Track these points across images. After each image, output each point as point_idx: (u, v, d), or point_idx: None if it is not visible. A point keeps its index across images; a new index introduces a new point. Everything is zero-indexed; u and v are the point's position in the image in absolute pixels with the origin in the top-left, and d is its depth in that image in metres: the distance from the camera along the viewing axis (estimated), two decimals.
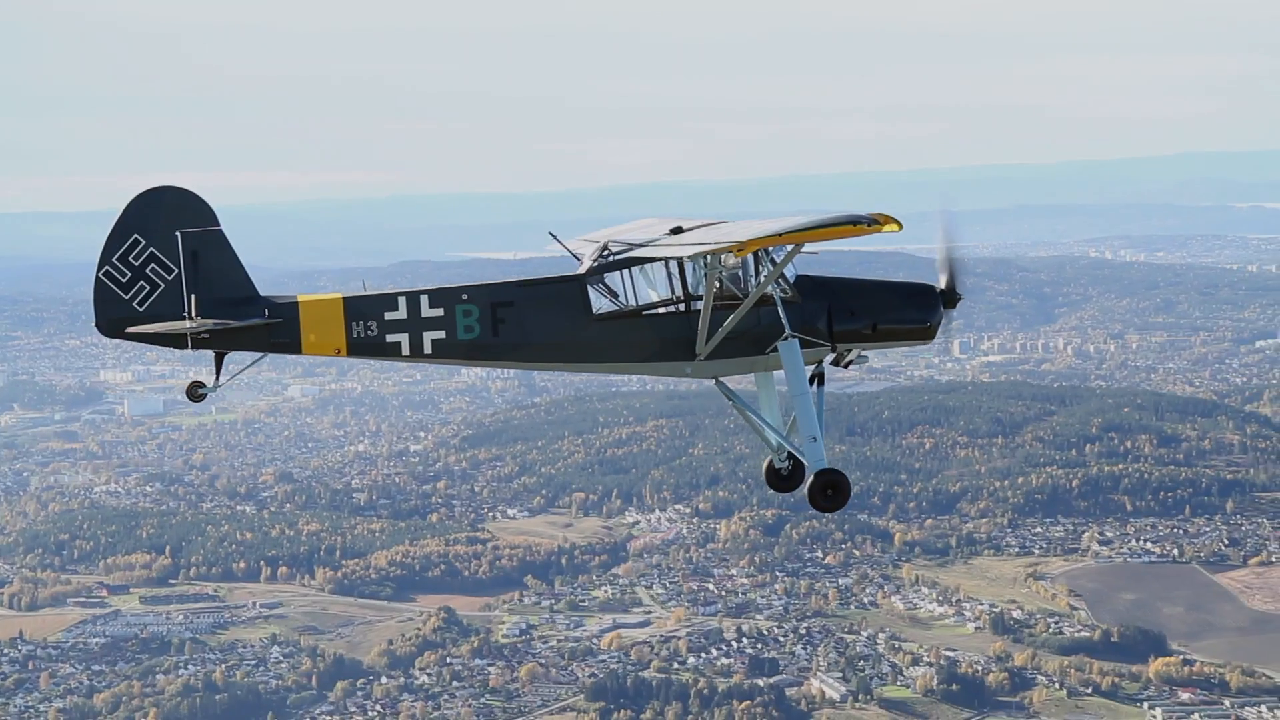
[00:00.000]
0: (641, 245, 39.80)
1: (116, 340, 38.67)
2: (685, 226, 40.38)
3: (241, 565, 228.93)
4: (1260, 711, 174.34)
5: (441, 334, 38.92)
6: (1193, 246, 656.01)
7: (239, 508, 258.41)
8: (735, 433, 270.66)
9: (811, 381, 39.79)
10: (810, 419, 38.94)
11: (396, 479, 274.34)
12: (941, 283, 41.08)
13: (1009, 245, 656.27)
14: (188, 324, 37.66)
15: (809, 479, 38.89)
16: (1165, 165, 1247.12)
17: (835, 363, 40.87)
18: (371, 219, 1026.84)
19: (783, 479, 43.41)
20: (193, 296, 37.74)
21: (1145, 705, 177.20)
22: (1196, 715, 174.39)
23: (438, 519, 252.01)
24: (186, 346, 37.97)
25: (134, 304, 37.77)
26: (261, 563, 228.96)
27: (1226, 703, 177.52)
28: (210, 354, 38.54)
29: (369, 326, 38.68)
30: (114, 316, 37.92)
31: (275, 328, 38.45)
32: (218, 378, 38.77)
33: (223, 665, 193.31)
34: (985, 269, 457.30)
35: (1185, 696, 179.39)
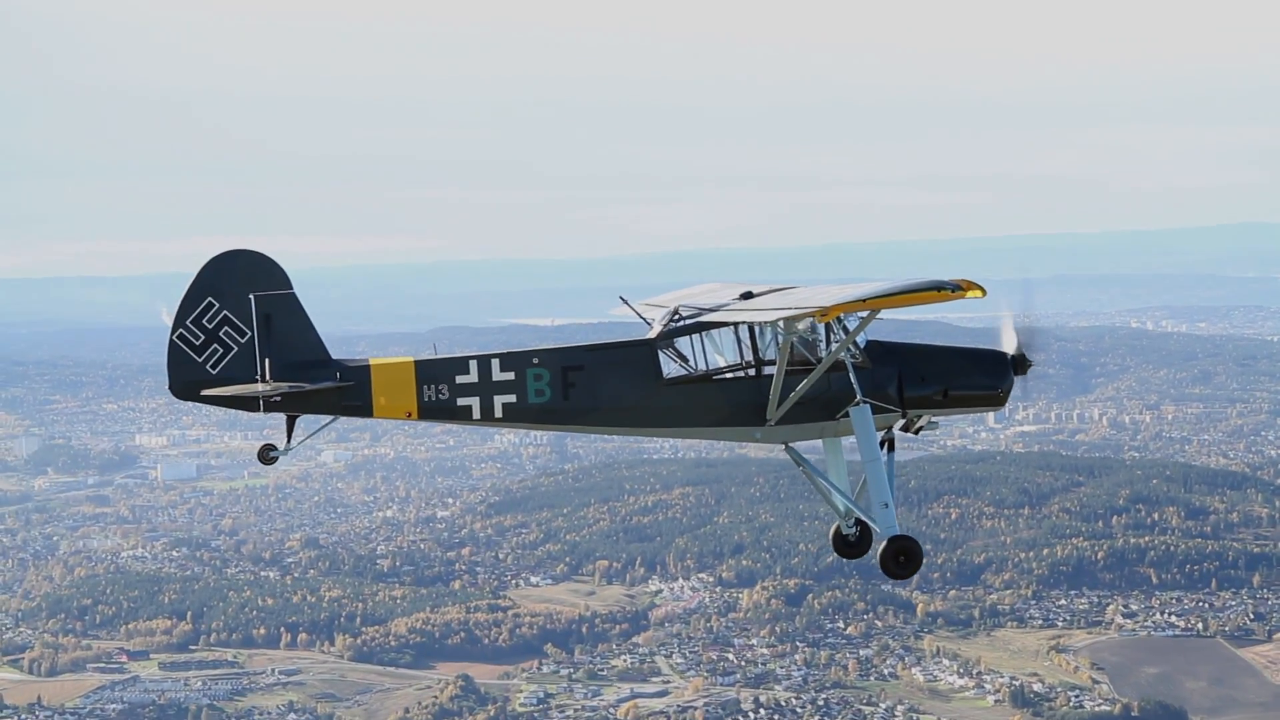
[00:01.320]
0: (714, 309, 39.66)
1: (185, 401, 38.56)
2: (755, 291, 40.40)
3: (262, 631, 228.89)
4: None
5: (512, 398, 38.75)
6: (1235, 317, 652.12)
7: (263, 573, 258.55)
8: (760, 501, 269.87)
9: (881, 447, 39.54)
10: (882, 485, 38.80)
11: (421, 545, 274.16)
12: (1011, 349, 41.02)
13: (1048, 315, 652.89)
14: (261, 387, 37.63)
15: (881, 545, 38.71)
16: (1209, 236, 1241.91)
17: (905, 429, 40.65)
18: (411, 284, 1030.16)
19: (850, 545, 43.11)
20: (266, 359, 37.70)
21: None
22: None
23: (460, 586, 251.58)
24: (259, 409, 37.91)
25: (207, 367, 37.74)
26: (282, 629, 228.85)
27: None
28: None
29: (440, 390, 38.58)
30: (188, 379, 37.84)
31: (347, 391, 38.41)
32: (289, 440, 38.81)
33: None
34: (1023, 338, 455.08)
35: None
